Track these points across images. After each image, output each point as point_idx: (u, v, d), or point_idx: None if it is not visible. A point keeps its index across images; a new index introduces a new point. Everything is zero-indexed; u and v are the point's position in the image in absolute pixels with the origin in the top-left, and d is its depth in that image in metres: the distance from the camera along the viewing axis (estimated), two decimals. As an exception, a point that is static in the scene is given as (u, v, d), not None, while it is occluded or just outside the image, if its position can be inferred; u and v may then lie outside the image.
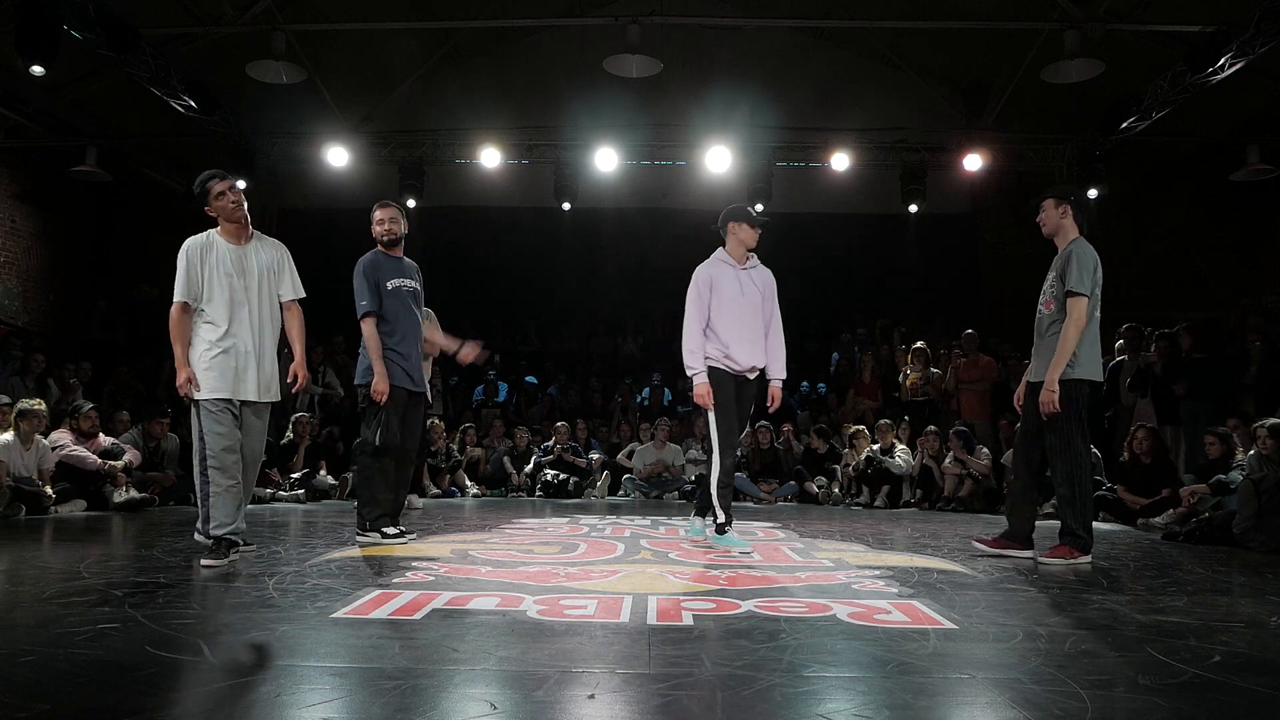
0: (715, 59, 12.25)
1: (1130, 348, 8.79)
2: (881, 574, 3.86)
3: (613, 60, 9.64)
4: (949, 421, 9.46)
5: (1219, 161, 11.30)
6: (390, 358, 4.82)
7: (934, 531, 6.12)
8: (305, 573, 3.70)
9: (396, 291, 4.91)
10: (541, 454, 10.18)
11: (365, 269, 4.87)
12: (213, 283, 4.05)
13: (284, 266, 4.26)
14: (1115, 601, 3.27)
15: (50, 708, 1.85)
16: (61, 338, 11.85)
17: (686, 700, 2.00)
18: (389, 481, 4.86)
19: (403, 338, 4.89)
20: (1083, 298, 4.30)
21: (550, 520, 6.75)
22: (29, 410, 6.74)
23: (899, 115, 12.21)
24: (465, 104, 12.40)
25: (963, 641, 2.57)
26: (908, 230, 13.02)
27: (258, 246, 4.20)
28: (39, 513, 6.40)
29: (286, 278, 4.26)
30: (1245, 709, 1.98)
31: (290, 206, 13.06)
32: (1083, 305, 4.30)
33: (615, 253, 14.15)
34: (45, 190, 12.23)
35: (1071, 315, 4.30)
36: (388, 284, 4.89)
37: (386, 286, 4.88)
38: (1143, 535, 6.17)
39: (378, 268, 4.90)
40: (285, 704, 1.92)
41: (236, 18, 9.61)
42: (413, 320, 4.99)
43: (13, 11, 7.54)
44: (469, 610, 2.91)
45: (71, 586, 3.33)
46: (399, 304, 4.91)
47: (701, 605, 3.06)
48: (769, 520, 6.87)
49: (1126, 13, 9.46)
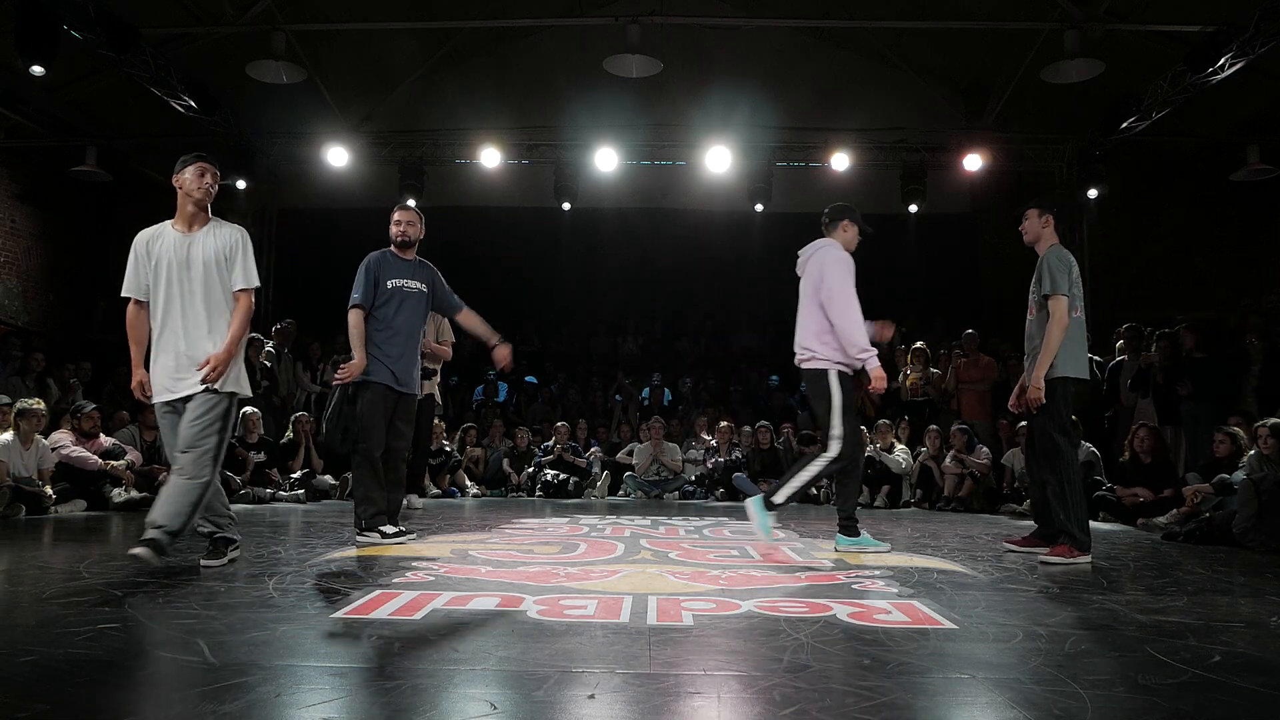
0: (715, 59, 12.24)
1: (1130, 348, 8.78)
2: (881, 574, 3.86)
3: (613, 60, 9.64)
4: (949, 421, 9.46)
5: (1219, 161, 11.29)
6: (374, 354, 4.82)
7: (934, 531, 6.13)
8: (305, 573, 3.70)
9: (397, 291, 4.95)
10: (542, 454, 10.19)
11: (369, 264, 4.97)
12: (157, 276, 3.90)
13: (236, 254, 3.95)
14: (1115, 601, 3.27)
15: (50, 708, 1.85)
16: (61, 338, 11.85)
17: (686, 700, 2.00)
18: (379, 480, 4.84)
19: (392, 335, 4.89)
20: (1061, 297, 4.41)
21: (550, 520, 6.75)
22: (28, 410, 6.74)
23: (899, 115, 12.20)
24: (465, 104, 12.40)
25: (963, 641, 2.57)
26: (908, 230, 13.00)
27: (207, 234, 3.95)
28: (39, 513, 6.40)
29: (238, 265, 3.95)
30: (1245, 709, 1.98)
31: (290, 206, 13.06)
32: (1063, 305, 4.40)
33: (615, 253, 14.13)
34: (45, 190, 12.22)
35: (1054, 315, 4.41)
36: (388, 283, 4.94)
37: (386, 285, 4.92)
38: (1143, 535, 6.17)
39: (382, 265, 4.99)
40: (285, 704, 1.92)
41: (236, 18, 9.61)
42: (409, 321, 4.99)
43: (13, 11, 7.53)
44: (469, 610, 2.91)
45: (71, 586, 3.33)
46: (396, 303, 4.94)
47: (701, 605, 3.06)
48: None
49: (1126, 13, 9.46)
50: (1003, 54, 11.09)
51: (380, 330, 4.89)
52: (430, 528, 5.76)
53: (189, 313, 3.88)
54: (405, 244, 5.09)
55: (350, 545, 4.66)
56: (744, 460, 9.88)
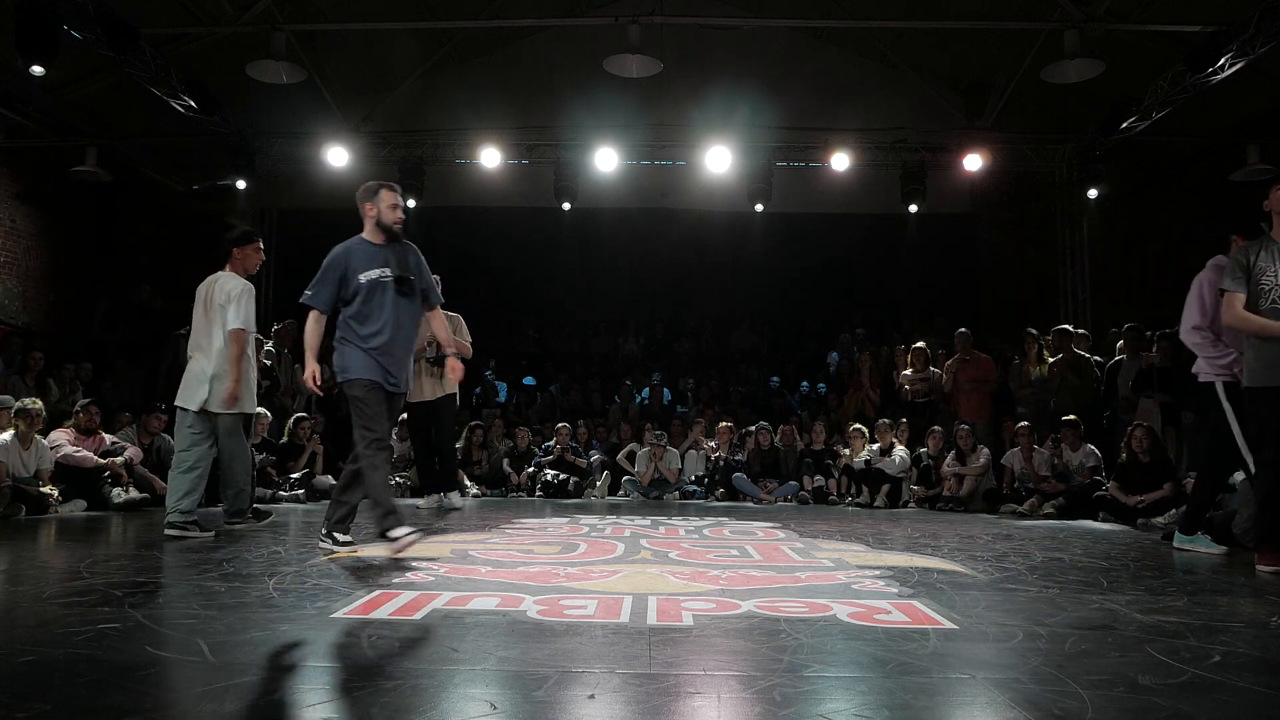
0: (715, 59, 12.25)
1: (1131, 348, 8.78)
2: (881, 574, 3.86)
3: (613, 60, 9.64)
4: (949, 421, 9.45)
5: (1219, 161, 11.29)
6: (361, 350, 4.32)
7: (934, 531, 6.12)
8: (305, 573, 3.70)
9: (377, 281, 4.37)
10: (542, 454, 10.18)
11: (331, 260, 4.38)
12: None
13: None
14: (1115, 601, 3.27)
15: (50, 708, 1.85)
16: (61, 338, 11.85)
17: (686, 700, 2.00)
18: (350, 481, 4.40)
19: (378, 329, 4.35)
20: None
21: (550, 520, 6.74)
22: (27, 410, 6.73)
23: (899, 115, 12.21)
24: (465, 104, 12.41)
25: (963, 641, 2.57)
26: (908, 230, 13.01)
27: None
28: (39, 513, 6.40)
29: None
30: (1245, 709, 1.98)
31: (290, 207, 13.06)
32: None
33: (615, 253, 14.13)
34: (45, 190, 12.22)
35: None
36: (360, 276, 4.35)
37: (359, 280, 4.34)
38: (1143, 535, 6.17)
39: (350, 255, 4.39)
40: (285, 704, 1.92)
41: (236, 18, 9.61)
42: (396, 312, 4.38)
43: (13, 11, 7.53)
44: (469, 610, 2.91)
45: (71, 586, 3.33)
46: (378, 295, 4.36)
47: (701, 605, 3.06)
48: (769, 520, 6.87)
49: (1126, 13, 9.46)
50: (1003, 54, 11.10)
51: (362, 324, 4.37)
52: (430, 528, 5.75)
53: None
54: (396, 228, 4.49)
55: (350, 545, 4.66)
56: (744, 460, 9.88)
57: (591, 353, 14.06)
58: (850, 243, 13.76)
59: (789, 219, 13.14)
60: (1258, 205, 4.72)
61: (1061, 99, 11.39)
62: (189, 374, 5.48)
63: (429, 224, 11.91)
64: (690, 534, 5.73)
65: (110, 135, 11.72)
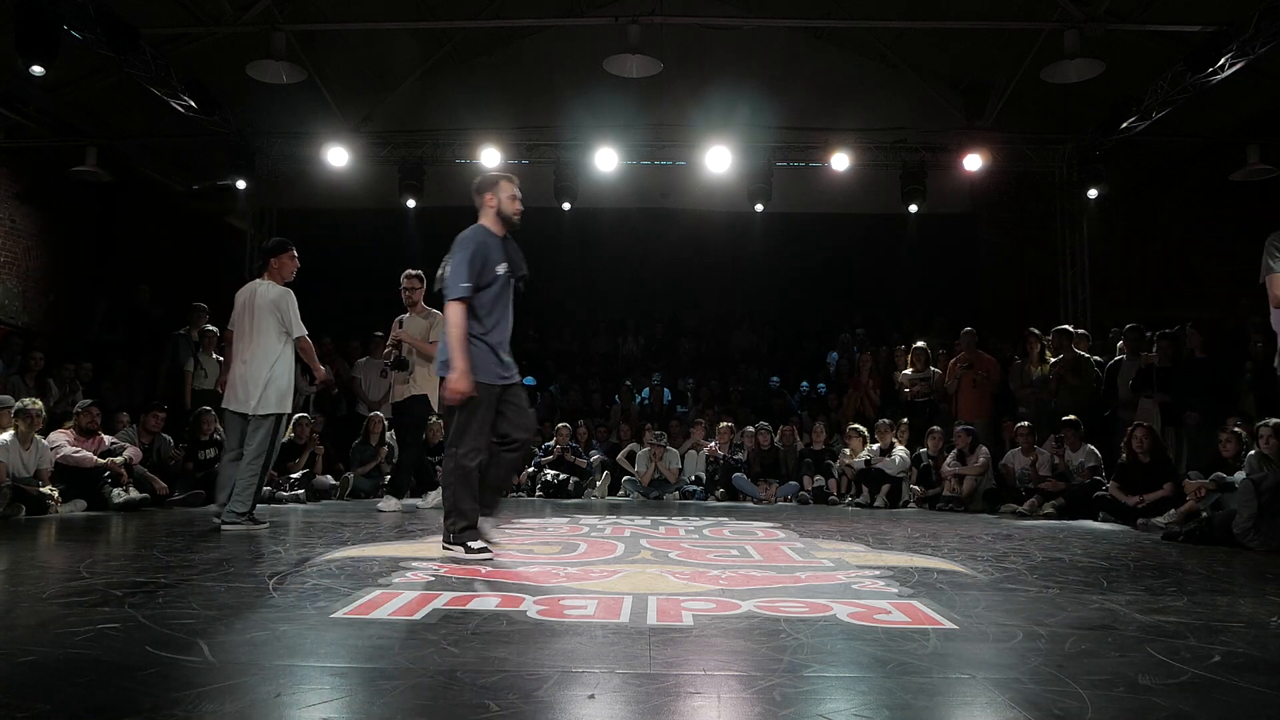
0: (715, 59, 12.25)
1: (1131, 348, 8.78)
2: (881, 574, 3.86)
3: (612, 60, 9.64)
4: (949, 421, 9.45)
5: (1219, 161, 11.29)
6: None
7: (934, 531, 6.12)
8: (305, 573, 3.70)
9: (506, 276, 4.41)
10: (542, 454, 10.18)
11: (477, 247, 4.25)
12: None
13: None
14: (1115, 601, 3.27)
15: (50, 708, 1.85)
16: (61, 338, 11.84)
17: (686, 700, 2.00)
18: (472, 490, 4.24)
19: (498, 323, 4.38)
20: None
21: (550, 520, 6.75)
22: (27, 410, 6.73)
23: (899, 115, 12.21)
24: (465, 104, 12.40)
25: (963, 641, 2.57)
26: (908, 230, 13.01)
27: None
28: (39, 513, 6.40)
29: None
30: (1245, 709, 1.98)
31: (290, 207, 13.05)
32: None
33: (615, 253, 14.13)
34: (45, 190, 12.21)
35: None
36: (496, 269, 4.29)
37: (497, 271, 4.28)
38: (1143, 535, 6.17)
39: (487, 245, 4.28)
40: (285, 704, 1.92)
41: (236, 18, 9.61)
42: (510, 307, 4.48)
43: (13, 11, 7.53)
44: (469, 610, 2.91)
45: (71, 586, 3.33)
46: (504, 289, 4.40)
47: (701, 605, 3.06)
48: (769, 520, 6.87)
49: (1126, 13, 9.46)
50: (1002, 54, 11.10)
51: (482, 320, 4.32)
52: (431, 528, 5.75)
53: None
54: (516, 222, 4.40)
55: (350, 545, 4.66)
56: (744, 461, 9.88)
57: (591, 353, 14.06)
58: (850, 243, 13.76)
59: (789, 219, 13.14)
60: (1258, 205, 4.69)
61: (1061, 99, 11.39)
62: (235, 377, 5.60)
63: (429, 224, 11.91)
64: (690, 534, 5.73)
65: (110, 135, 11.72)
